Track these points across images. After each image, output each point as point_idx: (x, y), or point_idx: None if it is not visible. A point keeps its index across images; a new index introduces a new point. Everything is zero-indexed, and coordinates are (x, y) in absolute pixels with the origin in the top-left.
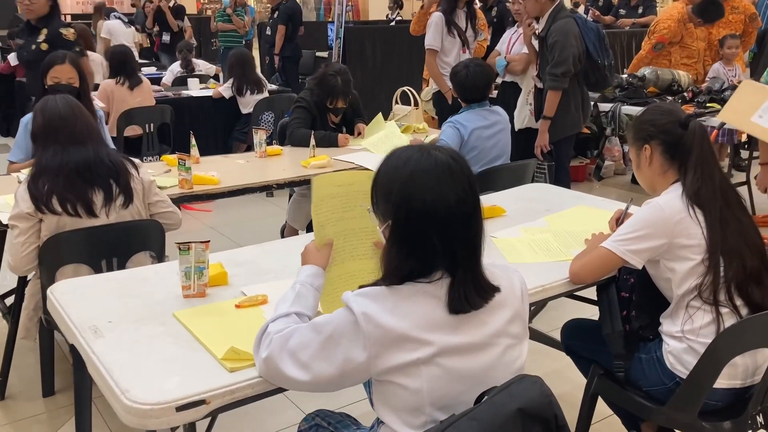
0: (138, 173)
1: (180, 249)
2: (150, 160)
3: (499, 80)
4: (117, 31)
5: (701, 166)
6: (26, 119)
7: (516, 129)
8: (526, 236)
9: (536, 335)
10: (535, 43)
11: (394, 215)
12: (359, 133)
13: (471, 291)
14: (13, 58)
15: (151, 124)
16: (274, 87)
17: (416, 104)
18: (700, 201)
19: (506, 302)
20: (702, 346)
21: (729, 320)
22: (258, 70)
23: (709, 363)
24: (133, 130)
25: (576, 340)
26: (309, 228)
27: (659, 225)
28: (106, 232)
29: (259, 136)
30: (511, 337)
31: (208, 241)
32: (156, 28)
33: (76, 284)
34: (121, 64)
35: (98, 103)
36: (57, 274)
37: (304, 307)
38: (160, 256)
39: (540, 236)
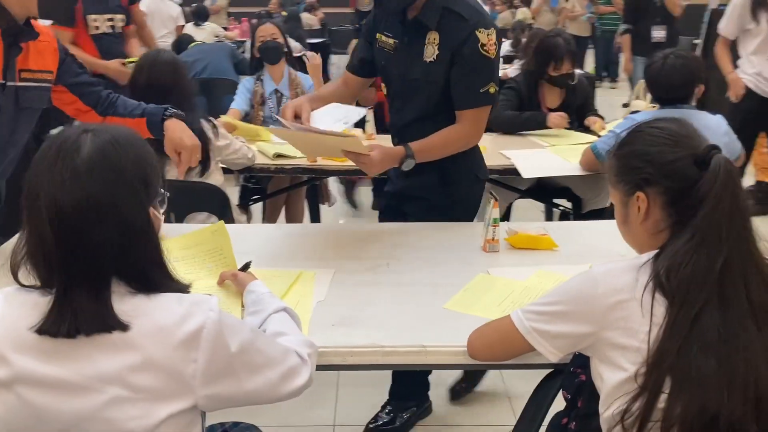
0: (216, 137)
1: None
2: None
3: None
4: None
5: (709, 228)
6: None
7: None
8: (532, 281)
9: None
10: None
11: None
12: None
13: (66, 314)
14: None
15: None
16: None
17: None
18: (672, 282)
19: (137, 342)
20: None
21: None
22: None
23: None
24: None
25: None
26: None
27: (584, 304)
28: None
29: None
30: (129, 388)
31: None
32: None
33: None
34: None
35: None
36: None
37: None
38: (223, 219)
39: (550, 285)
